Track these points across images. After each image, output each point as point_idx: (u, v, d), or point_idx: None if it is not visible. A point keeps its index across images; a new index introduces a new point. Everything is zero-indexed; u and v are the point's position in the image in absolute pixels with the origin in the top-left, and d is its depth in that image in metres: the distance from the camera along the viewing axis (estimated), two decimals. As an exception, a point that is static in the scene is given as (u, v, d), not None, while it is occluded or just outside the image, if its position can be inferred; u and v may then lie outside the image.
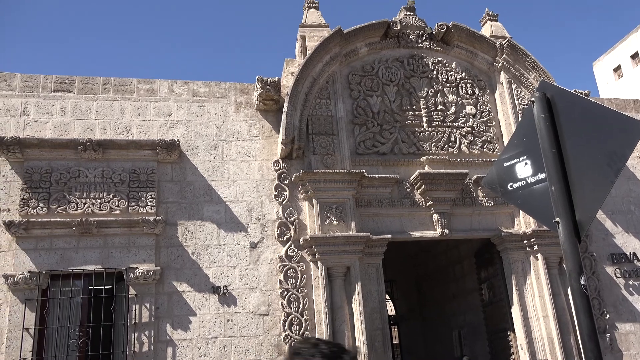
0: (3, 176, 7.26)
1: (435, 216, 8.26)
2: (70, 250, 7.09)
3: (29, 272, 6.85)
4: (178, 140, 7.71)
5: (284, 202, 7.89)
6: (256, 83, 8.07)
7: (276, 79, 8.05)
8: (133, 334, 6.94)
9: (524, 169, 2.78)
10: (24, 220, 6.93)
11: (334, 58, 8.44)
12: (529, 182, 2.75)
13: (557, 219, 2.55)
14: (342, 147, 8.19)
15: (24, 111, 7.62)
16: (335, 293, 7.55)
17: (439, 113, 8.88)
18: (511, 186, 2.84)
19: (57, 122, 7.66)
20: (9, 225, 6.87)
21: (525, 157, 2.79)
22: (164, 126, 7.97)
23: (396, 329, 14.28)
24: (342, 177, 7.87)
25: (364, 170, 7.96)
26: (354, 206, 7.95)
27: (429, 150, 8.63)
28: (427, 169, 8.40)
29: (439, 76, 9.12)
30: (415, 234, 8.22)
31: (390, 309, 13.39)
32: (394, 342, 12.68)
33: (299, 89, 8.03)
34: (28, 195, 7.12)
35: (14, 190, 7.21)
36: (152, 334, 7.00)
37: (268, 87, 7.97)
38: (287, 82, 8.37)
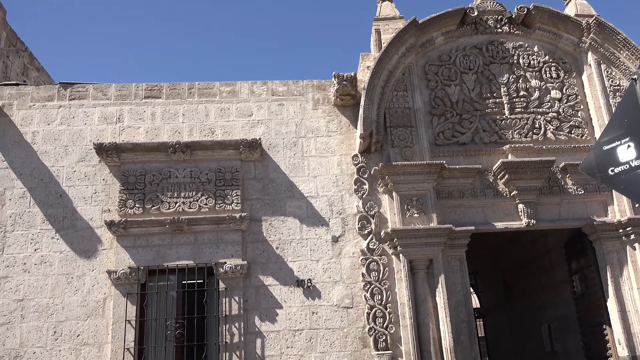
0: (103, 179, 7.84)
1: (520, 206, 7.99)
2: (165, 247, 7.53)
3: (129, 267, 7.35)
4: (259, 138, 7.96)
5: (363, 196, 7.94)
6: (333, 79, 8.15)
7: (352, 74, 8.10)
8: (224, 326, 7.26)
9: (626, 152, 2.63)
10: (123, 219, 7.44)
11: (409, 49, 8.36)
12: (633, 165, 2.60)
13: (667, 204, 2.41)
14: (420, 139, 8.11)
15: (119, 118, 8.18)
16: (418, 286, 7.51)
17: (522, 99, 8.56)
18: (612, 171, 2.70)
19: (149, 126, 8.16)
20: (110, 224, 7.41)
21: (627, 139, 2.63)
22: (245, 126, 8.27)
23: (481, 322, 13.94)
24: (421, 169, 7.80)
25: (444, 162, 7.84)
26: (435, 198, 7.85)
27: (511, 139, 8.34)
28: (510, 157, 8.14)
29: (521, 61, 8.78)
30: (499, 225, 7.99)
31: (475, 301, 13.11)
32: (479, 335, 12.38)
33: (375, 83, 8.03)
34: (125, 197, 7.65)
35: (113, 192, 7.76)
36: (242, 326, 7.30)
37: (344, 82, 8.04)
38: (363, 76, 8.40)
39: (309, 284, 7.54)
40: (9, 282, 7.33)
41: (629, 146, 2.65)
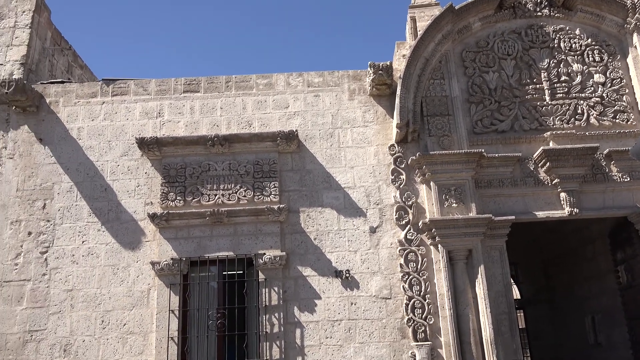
0: (145, 173, 8.04)
1: (562, 195, 7.80)
2: (205, 238, 7.69)
3: (172, 259, 7.53)
4: (296, 130, 8.01)
5: (401, 186, 7.91)
6: (368, 69, 8.11)
7: (388, 63, 8.03)
8: (264, 316, 7.37)
9: (679, 138, 2.55)
10: (165, 212, 7.62)
11: (446, 36, 8.23)
12: (687, 151, 2.52)
13: None
14: (458, 127, 8.00)
15: (159, 113, 8.36)
16: (457, 276, 7.45)
17: (563, 84, 8.33)
18: (664, 157, 2.62)
19: (188, 120, 8.31)
20: (152, 217, 7.60)
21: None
22: (282, 118, 8.33)
23: (521, 314, 13.71)
24: (459, 158, 7.70)
25: (483, 150, 7.72)
26: (474, 187, 7.75)
27: (552, 125, 8.14)
28: (551, 144, 7.95)
29: (562, 45, 8.53)
30: (540, 214, 7.83)
31: (515, 292, 12.90)
32: (520, 326, 12.20)
33: (411, 71, 7.96)
34: (167, 189, 7.83)
35: (155, 185, 7.96)
36: (282, 316, 7.39)
37: (380, 71, 7.98)
38: (399, 65, 8.34)
39: (347, 275, 7.57)
40: (59, 272, 7.63)
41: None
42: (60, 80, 8.88)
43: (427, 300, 7.41)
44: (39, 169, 8.08)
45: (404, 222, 7.77)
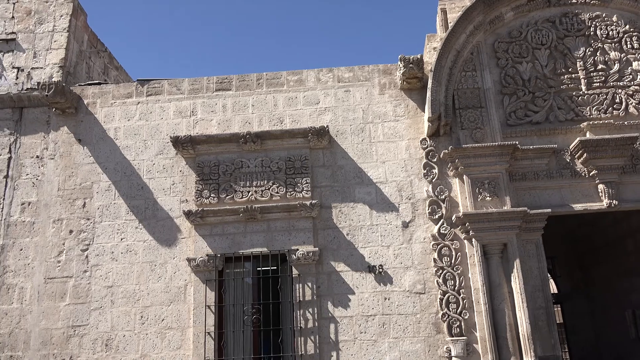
0: (180, 171, 8.20)
1: (600, 186, 7.62)
2: (239, 235, 7.79)
3: (207, 255, 7.66)
4: (327, 126, 8.03)
5: (433, 180, 7.85)
6: (399, 62, 8.06)
7: (418, 56, 7.97)
8: (298, 311, 7.43)
9: None
10: (200, 209, 7.76)
11: (477, 27, 8.12)
12: None
13: None
14: (491, 120, 7.89)
15: (192, 111, 8.50)
16: (492, 271, 7.36)
17: (600, 73, 8.11)
18: None
19: (220, 118, 8.43)
20: (188, 214, 7.75)
21: None
22: (313, 114, 8.36)
23: (559, 308, 13.46)
24: (493, 151, 7.60)
25: (517, 142, 7.60)
26: (508, 180, 7.64)
27: (589, 115, 7.94)
28: (588, 135, 7.76)
29: (598, 32, 8.31)
30: (578, 206, 7.66)
31: (552, 287, 12.66)
32: (558, 321, 11.97)
33: (442, 64, 7.88)
34: (201, 187, 7.96)
35: (190, 183, 8.10)
36: (315, 311, 7.44)
37: (411, 65, 7.93)
38: (429, 58, 8.26)
39: (380, 270, 7.57)
40: (99, 269, 7.86)
41: None
42: (97, 81, 9.12)
43: (461, 295, 7.35)
44: (78, 169, 8.32)
45: (437, 216, 7.71)
